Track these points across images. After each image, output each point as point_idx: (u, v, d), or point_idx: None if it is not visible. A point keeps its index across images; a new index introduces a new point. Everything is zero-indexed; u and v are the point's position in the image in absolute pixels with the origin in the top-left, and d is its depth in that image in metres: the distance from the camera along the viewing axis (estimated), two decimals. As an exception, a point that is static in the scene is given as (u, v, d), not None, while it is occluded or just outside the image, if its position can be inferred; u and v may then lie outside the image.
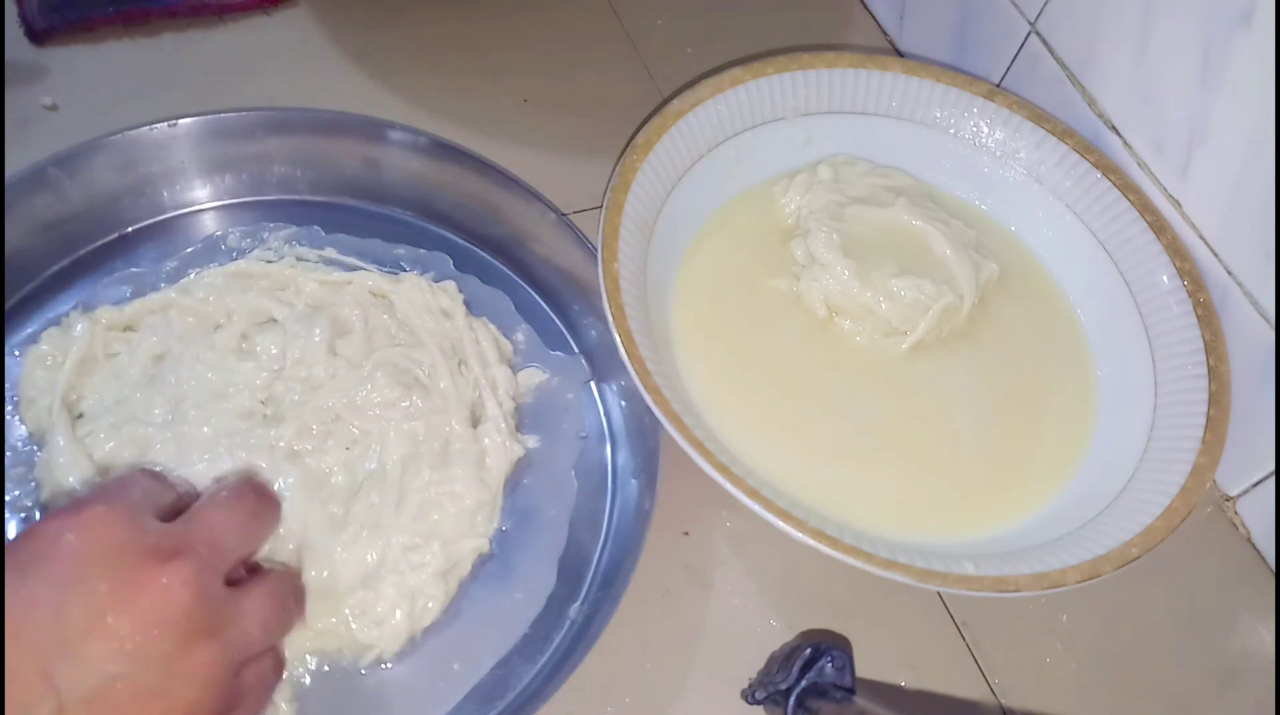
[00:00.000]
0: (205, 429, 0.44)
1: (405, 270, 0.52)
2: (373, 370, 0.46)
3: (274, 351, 0.47)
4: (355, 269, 0.51)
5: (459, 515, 0.44)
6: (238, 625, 0.33)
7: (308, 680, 0.41)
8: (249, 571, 0.38)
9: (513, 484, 0.47)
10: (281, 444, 0.44)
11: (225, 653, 0.32)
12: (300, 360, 0.47)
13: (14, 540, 0.32)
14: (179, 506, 0.37)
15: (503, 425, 0.47)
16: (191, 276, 0.50)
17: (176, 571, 0.31)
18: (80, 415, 0.45)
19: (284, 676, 0.39)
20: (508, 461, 0.46)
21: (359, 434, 0.45)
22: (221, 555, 0.34)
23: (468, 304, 0.51)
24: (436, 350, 0.48)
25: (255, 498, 0.38)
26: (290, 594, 0.38)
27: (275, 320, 0.49)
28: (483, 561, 0.45)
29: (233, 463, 0.43)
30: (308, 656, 0.42)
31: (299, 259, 0.52)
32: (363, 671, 0.42)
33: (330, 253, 0.52)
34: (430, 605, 0.43)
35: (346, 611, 0.42)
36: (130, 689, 0.29)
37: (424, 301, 0.50)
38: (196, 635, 0.31)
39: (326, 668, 0.42)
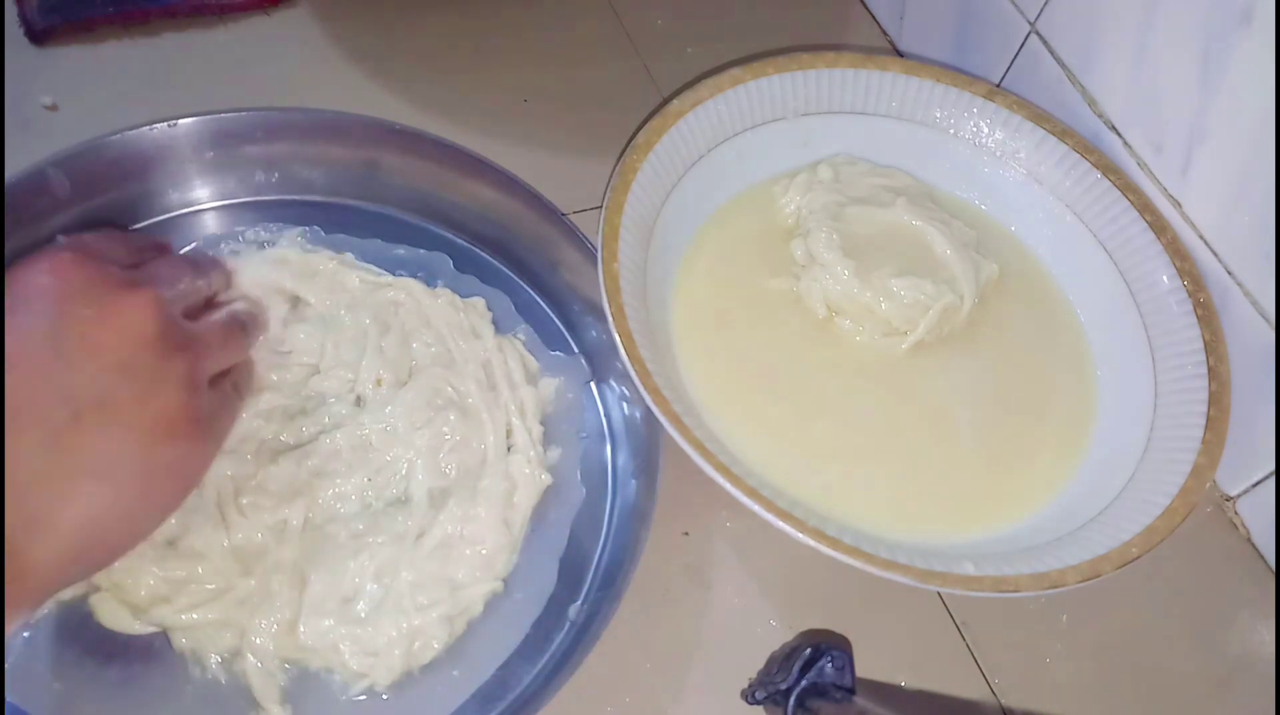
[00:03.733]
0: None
1: (405, 271, 0.52)
2: (414, 396, 0.46)
3: (314, 347, 0.47)
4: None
5: (474, 559, 0.43)
6: (202, 342, 0.38)
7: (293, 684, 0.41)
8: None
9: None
10: (311, 462, 0.44)
11: (198, 362, 0.37)
12: (343, 360, 0.47)
13: None
14: (136, 262, 0.41)
15: (532, 454, 0.46)
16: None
17: (143, 297, 0.36)
18: None
19: (252, 390, 0.45)
20: (536, 495, 0.46)
21: (388, 461, 0.45)
22: (177, 294, 0.40)
23: (496, 323, 0.51)
24: (472, 379, 0.47)
25: (203, 261, 0.45)
26: (241, 320, 0.44)
27: (306, 313, 0.48)
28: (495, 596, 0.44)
29: (255, 469, 0.43)
30: (286, 665, 0.41)
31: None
32: (361, 698, 0.41)
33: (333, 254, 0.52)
34: (434, 644, 0.42)
35: (343, 631, 0.41)
36: (129, 394, 0.34)
37: (457, 320, 0.49)
38: (171, 349, 0.36)
39: (317, 679, 0.41)
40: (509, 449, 0.47)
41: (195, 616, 0.41)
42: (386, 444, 0.45)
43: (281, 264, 0.49)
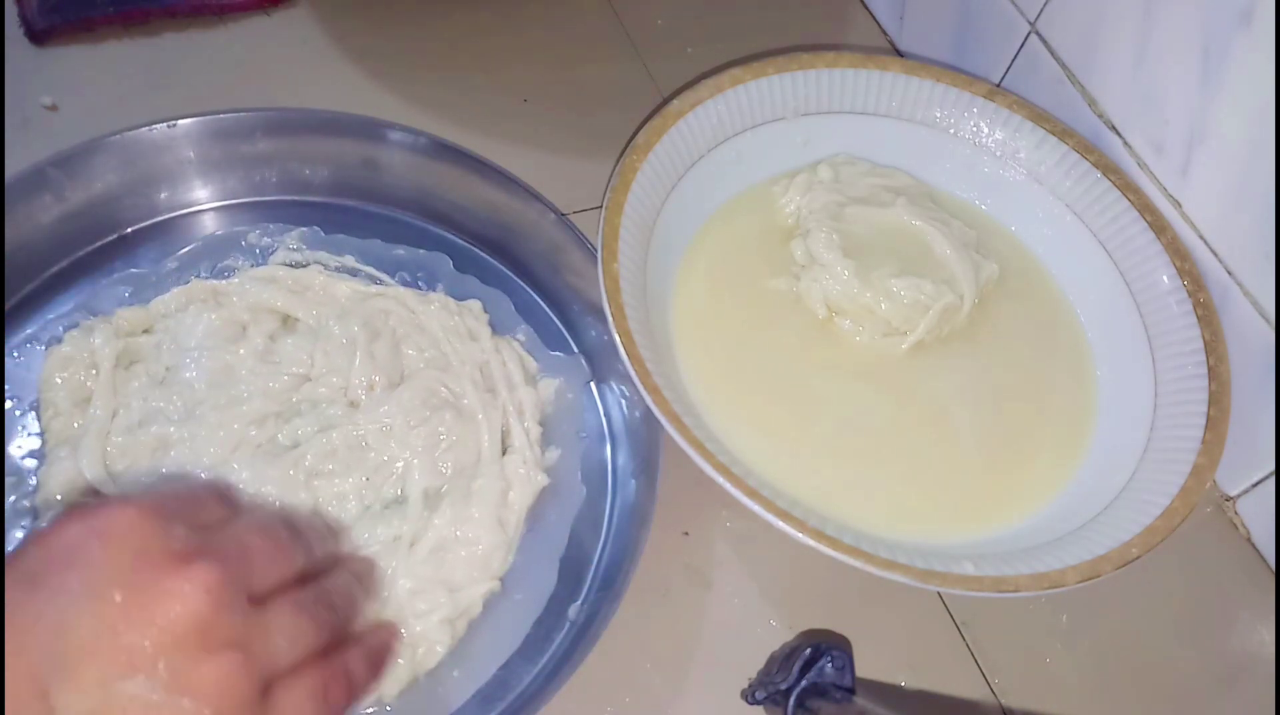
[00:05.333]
0: (220, 432, 0.44)
1: (404, 271, 0.52)
2: (409, 396, 0.46)
3: (303, 357, 0.47)
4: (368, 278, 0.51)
5: (470, 559, 0.43)
6: (262, 638, 0.30)
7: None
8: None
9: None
10: (308, 462, 0.44)
11: (247, 665, 0.29)
12: (334, 367, 0.46)
13: (32, 541, 0.30)
14: (221, 520, 0.34)
15: (528, 455, 0.46)
16: (231, 280, 0.50)
17: (196, 576, 0.29)
18: (115, 412, 0.45)
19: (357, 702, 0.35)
20: (531, 495, 0.46)
21: (385, 461, 0.45)
22: (248, 572, 0.31)
23: (493, 325, 0.51)
24: (468, 381, 0.47)
25: (289, 533, 0.35)
26: (324, 602, 0.34)
27: (297, 327, 0.49)
28: (494, 596, 0.44)
29: (251, 474, 0.43)
30: None
31: (297, 264, 0.51)
32: (369, 711, 0.41)
33: (323, 255, 0.52)
34: (438, 649, 0.42)
35: None
36: (139, 708, 0.27)
37: (452, 324, 0.49)
38: (214, 646, 0.29)
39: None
40: (506, 450, 0.47)
41: None
42: (383, 443, 0.45)
43: (272, 282, 0.49)
